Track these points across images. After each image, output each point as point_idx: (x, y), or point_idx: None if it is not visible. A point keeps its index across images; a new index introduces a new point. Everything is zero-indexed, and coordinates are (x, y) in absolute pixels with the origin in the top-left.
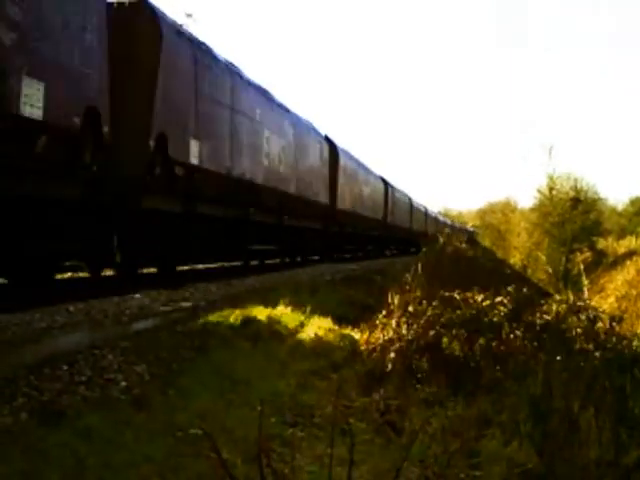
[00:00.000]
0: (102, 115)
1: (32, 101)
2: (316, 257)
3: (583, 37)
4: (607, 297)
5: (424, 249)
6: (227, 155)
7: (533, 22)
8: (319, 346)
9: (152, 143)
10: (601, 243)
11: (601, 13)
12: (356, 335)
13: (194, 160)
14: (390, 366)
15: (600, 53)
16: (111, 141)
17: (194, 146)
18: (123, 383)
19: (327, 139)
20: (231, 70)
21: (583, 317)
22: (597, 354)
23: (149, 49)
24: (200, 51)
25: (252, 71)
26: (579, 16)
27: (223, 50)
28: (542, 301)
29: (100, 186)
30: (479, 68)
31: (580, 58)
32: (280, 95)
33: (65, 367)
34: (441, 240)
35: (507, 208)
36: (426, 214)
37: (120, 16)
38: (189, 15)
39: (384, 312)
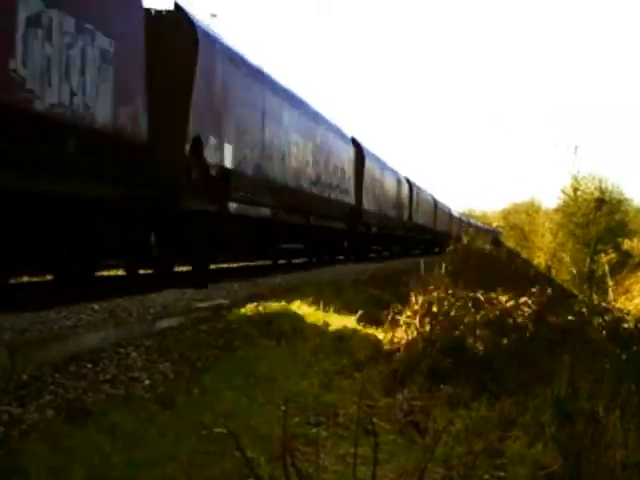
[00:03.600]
0: None
1: None
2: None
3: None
4: (633, 298)
5: (448, 249)
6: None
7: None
8: (342, 345)
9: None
10: (626, 244)
11: None
12: (380, 334)
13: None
14: (414, 366)
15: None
16: None
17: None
18: (147, 381)
19: (407, 180)
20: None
21: (608, 318)
22: (623, 356)
23: None
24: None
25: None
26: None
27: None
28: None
29: None
30: (504, 68)
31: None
32: (299, 90)
33: (90, 365)
34: (465, 240)
35: (531, 208)
36: (460, 220)
37: None
38: (214, 15)
39: (408, 312)
